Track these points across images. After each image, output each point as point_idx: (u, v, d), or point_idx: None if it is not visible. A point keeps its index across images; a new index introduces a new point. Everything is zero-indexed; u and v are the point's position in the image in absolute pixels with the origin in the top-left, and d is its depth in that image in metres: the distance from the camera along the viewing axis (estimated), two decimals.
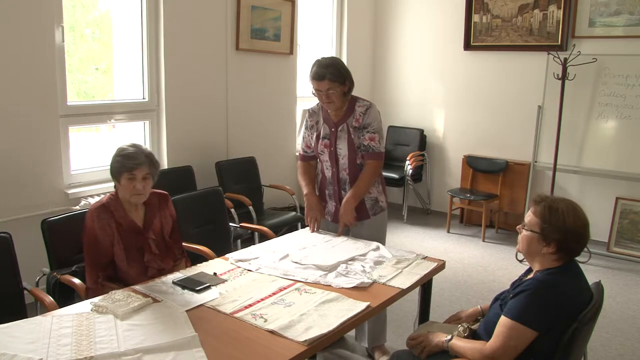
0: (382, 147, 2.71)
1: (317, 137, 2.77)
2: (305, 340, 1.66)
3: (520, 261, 4.44)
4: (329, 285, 2.11)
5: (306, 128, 2.86)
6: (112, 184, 2.36)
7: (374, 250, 2.52)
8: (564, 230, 1.74)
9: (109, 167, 2.32)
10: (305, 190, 2.83)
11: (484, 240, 5.04)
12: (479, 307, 2.14)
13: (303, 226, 3.51)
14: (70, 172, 3.53)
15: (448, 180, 5.78)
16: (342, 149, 2.70)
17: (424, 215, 5.86)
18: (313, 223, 2.83)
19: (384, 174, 2.83)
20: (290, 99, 5.14)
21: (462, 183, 5.55)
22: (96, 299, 1.91)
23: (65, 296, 2.31)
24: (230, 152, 4.54)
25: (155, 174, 2.34)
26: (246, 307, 1.89)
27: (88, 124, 3.75)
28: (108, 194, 2.36)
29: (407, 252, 2.53)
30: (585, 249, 2.09)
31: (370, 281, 2.15)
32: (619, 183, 4.65)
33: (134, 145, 2.31)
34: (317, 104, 2.83)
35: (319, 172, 2.88)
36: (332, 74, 2.57)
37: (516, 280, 1.93)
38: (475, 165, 5.41)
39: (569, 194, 4.81)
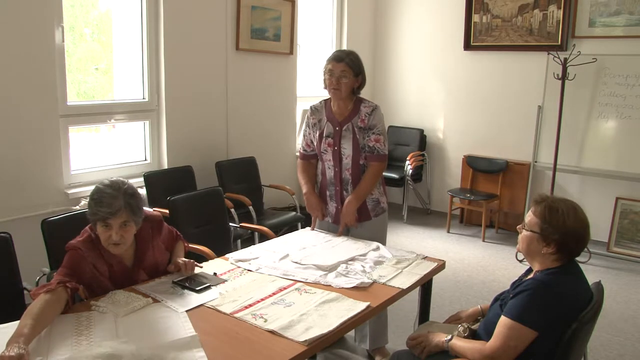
0: (386, 149, 2.70)
1: (320, 135, 2.75)
2: (305, 340, 1.66)
3: (520, 261, 4.44)
4: (329, 285, 2.11)
5: (307, 126, 2.84)
6: None
7: (374, 250, 2.52)
8: (564, 231, 1.74)
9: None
10: (304, 189, 2.82)
11: (484, 240, 5.04)
12: (479, 307, 2.14)
13: (303, 226, 3.52)
14: (70, 172, 3.53)
15: (448, 180, 5.78)
16: (347, 148, 2.69)
17: (424, 215, 5.86)
18: (314, 221, 2.83)
19: (384, 174, 2.82)
20: (290, 99, 5.14)
21: (462, 183, 5.55)
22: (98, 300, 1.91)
23: None
24: (230, 152, 4.54)
25: (138, 219, 1.99)
26: (246, 307, 1.89)
27: (88, 124, 3.75)
28: (90, 227, 2.01)
29: (407, 252, 2.53)
30: (585, 249, 2.08)
31: (370, 281, 2.15)
32: (619, 183, 4.65)
33: (112, 185, 1.93)
34: (320, 101, 2.82)
35: (319, 173, 2.87)
36: (351, 60, 2.62)
37: (516, 280, 1.93)
38: (475, 165, 5.41)
39: (569, 194, 4.81)
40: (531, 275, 1.85)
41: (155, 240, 2.18)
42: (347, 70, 2.60)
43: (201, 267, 2.24)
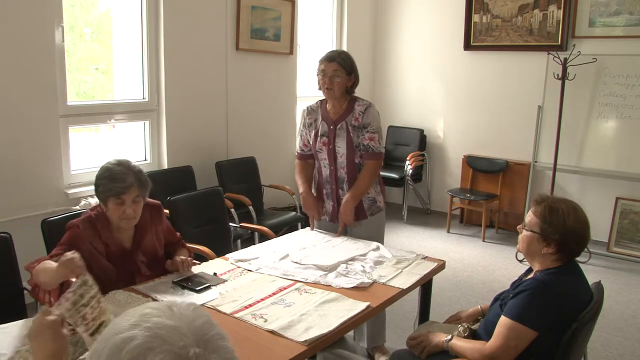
0: (381, 147, 2.71)
1: (316, 135, 2.77)
2: (305, 340, 1.66)
3: (520, 261, 4.44)
4: (329, 285, 2.11)
5: (304, 126, 2.86)
6: None
7: (374, 250, 2.52)
8: (564, 231, 1.74)
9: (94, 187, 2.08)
10: (301, 189, 2.84)
11: (484, 240, 5.04)
12: (479, 307, 2.14)
13: (303, 226, 3.52)
14: (70, 172, 3.53)
15: (448, 180, 5.78)
16: (341, 147, 2.70)
17: (424, 215, 5.86)
18: (312, 221, 2.84)
19: (384, 173, 2.83)
20: (290, 99, 5.14)
21: (462, 183, 5.54)
22: None
23: None
24: (230, 152, 4.54)
25: (146, 193, 2.11)
26: (246, 307, 1.89)
27: (88, 124, 3.75)
28: (91, 209, 2.11)
29: (407, 252, 2.53)
30: (585, 249, 2.07)
31: (370, 281, 2.15)
32: (619, 183, 4.65)
33: (120, 164, 2.05)
34: (316, 102, 2.84)
35: (315, 172, 2.88)
36: (343, 60, 2.64)
37: (516, 280, 1.93)
38: (475, 165, 5.41)
39: (569, 194, 4.81)
40: (531, 275, 1.85)
41: (155, 226, 2.23)
42: (339, 69, 2.62)
43: (198, 263, 2.25)
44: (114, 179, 2.00)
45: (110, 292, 1.96)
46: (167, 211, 3.01)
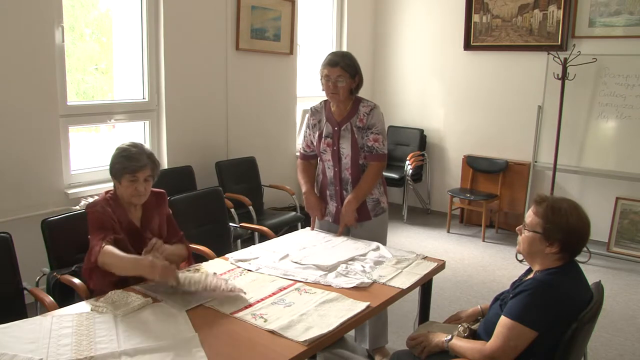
0: (385, 149, 2.70)
1: (320, 136, 2.76)
2: (305, 340, 1.66)
3: (520, 261, 4.44)
4: (329, 285, 2.11)
5: (307, 127, 2.85)
6: (112, 184, 2.34)
7: (374, 250, 2.52)
8: (567, 230, 1.74)
9: (108, 166, 2.28)
10: (304, 189, 2.83)
11: (484, 240, 5.04)
12: (479, 307, 2.14)
13: (303, 226, 3.52)
14: (70, 172, 3.53)
15: (448, 180, 5.78)
16: (345, 148, 2.69)
17: (424, 215, 5.86)
18: (314, 221, 2.83)
19: (384, 174, 2.82)
20: (290, 99, 5.14)
21: (462, 183, 5.55)
22: (97, 300, 1.91)
23: (65, 296, 2.31)
24: (230, 152, 4.54)
25: (157, 174, 2.31)
26: (246, 307, 1.89)
27: (88, 124, 3.75)
28: (105, 192, 2.31)
29: (407, 252, 2.53)
30: (585, 248, 2.08)
31: (370, 281, 2.15)
32: (619, 183, 4.65)
33: (135, 145, 2.26)
34: (320, 102, 2.82)
35: (319, 173, 2.87)
36: (346, 64, 2.60)
37: (516, 280, 1.93)
38: (475, 165, 5.41)
39: (569, 194, 4.81)
40: (531, 275, 1.85)
41: (160, 210, 2.39)
42: (343, 74, 2.59)
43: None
44: (131, 158, 2.20)
45: (110, 292, 1.96)
46: None
